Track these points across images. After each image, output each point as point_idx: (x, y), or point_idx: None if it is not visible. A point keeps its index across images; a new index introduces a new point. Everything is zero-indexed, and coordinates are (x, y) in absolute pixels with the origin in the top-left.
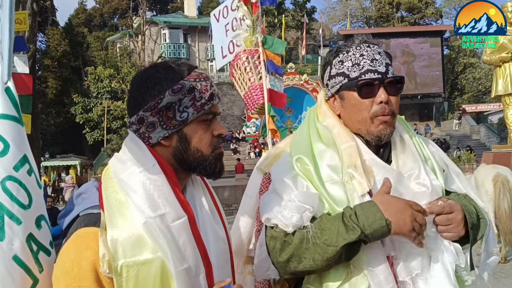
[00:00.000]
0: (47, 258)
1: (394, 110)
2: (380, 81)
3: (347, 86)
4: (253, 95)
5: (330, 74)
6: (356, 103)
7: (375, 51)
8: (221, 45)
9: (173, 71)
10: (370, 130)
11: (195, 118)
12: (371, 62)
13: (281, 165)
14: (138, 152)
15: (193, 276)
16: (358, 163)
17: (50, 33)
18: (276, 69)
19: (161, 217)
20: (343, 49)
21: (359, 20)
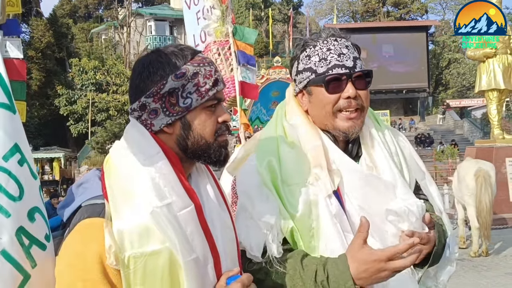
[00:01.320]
0: (41, 252)
1: (363, 105)
2: (348, 76)
3: (315, 81)
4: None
5: (297, 69)
6: (323, 98)
7: (343, 45)
8: (193, 33)
9: (176, 56)
10: (335, 125)
11: (199, 104)
12: (338, 56)
13: (246, 170)
14: (142, 139)
15: (201, 266)
16: (323, 164)
17: (34, 24)
18: (248, 59)
19: (168, 206)
20: (310, 44)
21: (345, 15)
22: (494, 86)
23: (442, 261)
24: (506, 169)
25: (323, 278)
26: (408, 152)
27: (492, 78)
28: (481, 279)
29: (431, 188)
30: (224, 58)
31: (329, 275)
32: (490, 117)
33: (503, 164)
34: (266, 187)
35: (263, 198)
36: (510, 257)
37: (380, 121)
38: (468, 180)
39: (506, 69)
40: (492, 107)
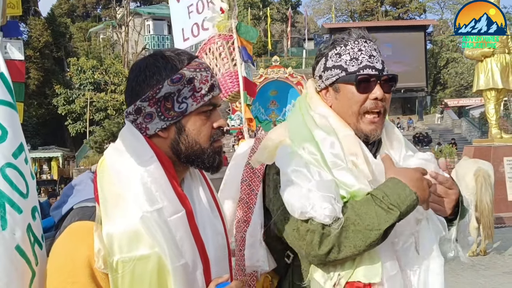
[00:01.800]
0: (40, 251)
1: (386, 107)
2: (377, 78)
3: (345, 79)
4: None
5: (325, 65)
6: (352, 97)
7: (372, 48)
8: (181, 27)
9: (172, 61)
10: (359, 127)
11: (195, 109)
12: (369, 58)
13: (286, 156)
14: (136, 143)
15: (190, 271)
16: (358, 152)
17: (32, 23)
18: (248, 57)
19: (159, 211)
20: (340, 42)
21: (343, 14)
22: (492, 86)
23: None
24: (504, 169)
25: (382, 195)
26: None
27: (490, 78)
28: (479, 278)
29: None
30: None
31: (385, 192)
32: (488, 117)
33: (501, 164)
34: (314, 166)
35: (315, 174)
36: (508, 256)
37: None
38: (468, 180)
39: (504, 69)
40: (490, 107)
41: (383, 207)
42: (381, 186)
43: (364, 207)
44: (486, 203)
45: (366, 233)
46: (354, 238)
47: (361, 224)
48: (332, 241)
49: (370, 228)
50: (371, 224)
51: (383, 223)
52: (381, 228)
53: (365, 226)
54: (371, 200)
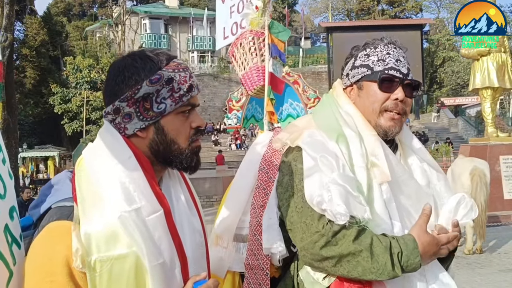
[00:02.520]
0: (18, 251)
1: (405, 110)
2: (400, 81)
3: (369, 77)
4: (254, 75)
5: (353, 64)
6: (373, 94)
7: (400, 54)
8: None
9: (151, 61)
10: (378, 123)
11: (173, 109)
12: (395, 61)
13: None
14: (114, 143)
15: (168, 270)
16: (380, 153)
17: (28, 22)
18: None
19: (137, 211)
20: (371, 45)
21: (340, 13)
22: (488, 84)
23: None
24: (500, 167)
25: (398, 250)
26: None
27: (486, 76)
28: (475, 276)
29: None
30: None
31: (402, 249)
32: (484, 115)
33: (497, 162)
34: (340, 159)
35: (340, 167)
36: (504, 255)
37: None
38: (464, 179)
39: (500, 67)
40: (486, 105)
41: (394, 261)
42: (402, 242)
43: (380, 249)
44: (480, 203)
45: (365, 271)
46: (354, 267)
47: (368, 263)
48: (334, 253)
49: (372, 272)
50: (375, 269)
51: (385, 275)
52: (380, 278)
53: (370, 267)
54: (388, 248)
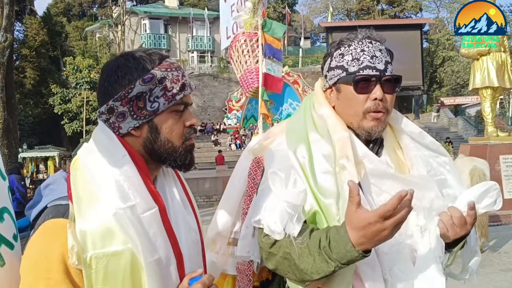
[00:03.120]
0: (10, 251)
1: (388, 108)
2: (377, 78)
3: (345, 79)
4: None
5: (330, 65)
6: (351, 97)
7: (377, 48)
8: (226, 25)
9: (143, 61)
10: (361, 125)
11: (166, 108)
12: (371, 58)
13: (276, 153)
14: (108, 142)
15: (163, 267)
16: (350, 154)
17: (28, 23)
18: (274, 53)
19: (132, 208)
20: (345, 42)
21: (340, 13)
22: (488, 84)
23: (468, 251)
24: (500, 167)
25: (325, 244)
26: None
27: (486, 76)
28: None
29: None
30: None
31: (331, 241)
32: (484, 115)
33: (497, 162)
34: (295, 171)
35: (291, 182)
36: (504, 254)
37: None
38: (464, 179)
39: (500, 67)
40: (486, 105)
41: (324, 256)
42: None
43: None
44: None
45: (302, 274)
46: (294, 271)
47: (298, 265)
48: (275, 264)
49: (305, 273)
50: (305, 270)
51: (315, 274)
52: (313, 278)
53: (301, 269)
54: (317, 244)
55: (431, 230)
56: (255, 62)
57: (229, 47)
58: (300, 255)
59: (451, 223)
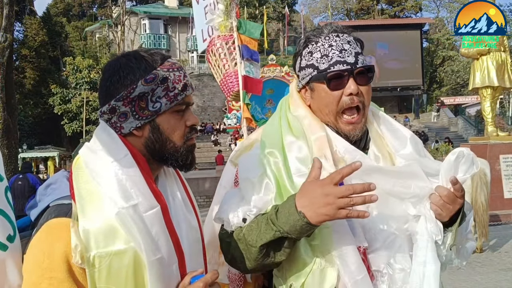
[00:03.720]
0: (1, 253)
1: (364, 101)
2: (349, 72)
3: (316, 78)
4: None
5: (300, 65)
6: (326, 95)
7: (344, 41)
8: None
9: (145, 61)
10: (338, 127)
11: (168, 108)
12: (340, 52)
13: (249, 159)
14: (110, 142)
15: (166, 265)
16: (327, 154)
17: (27, 23)
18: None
19: (134, 207)
20: (312, 40)
21: (339, 13)
22: (488, 83)
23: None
24: (500, 166)
25: (272, 212)
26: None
27: (486, 76)
28: (476, 275)
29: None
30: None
31: (278, 209)
32: (484, 114)
33: (497, 161)
34: (267, 177)
35: (261, 188)
36: (504, 254)
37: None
38: None
39: (500, 66)
40: (486, 104)
41: (268, 224)
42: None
43: (256, 222)
44: (481, 203)
45: (249, 249)
46: (245, 252)
47: (246, 239)
48: (231, 252)
49: (250, 244)
50: (251, 240)
51: (258, 241)
52: (256, 246)
53: (247, 241)
54: (266, 215)
55: (425, 215)
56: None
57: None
58: (249, 230)
59: (442, 202)
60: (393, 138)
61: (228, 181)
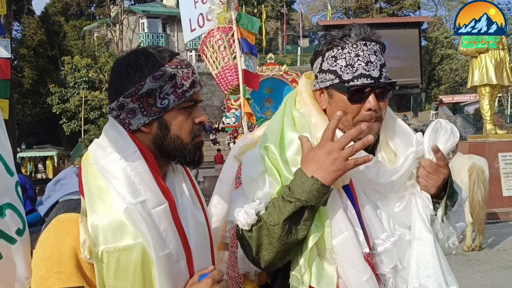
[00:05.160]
0: (9, 246)
1: (381, 116)
2: (372, 88)
3: (338, 87)
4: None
5: (321, 67)
6: (344, 106)
7: (371, 51)
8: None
9: (154, 58)
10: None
11: (176, 105)
12: (365, 65)
13: (252, 157)
14: (119, 138)
15: (174, 261)
16: None
17: (25, 22)
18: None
19: (142, 203)
20: (338, 44)
21: (338, 11)
22: (486, 82)
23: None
24: (499, 164)
25: (285, 189)
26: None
27: (485, 74)
28: (474, 273)
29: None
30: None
31: (290, 186)
32: (482, 113)
33: (496, 159)
34: (270, 175)
35: (265, 184)
36: (503, 251)
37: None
38: (463, 176)
39: (498, 65)
40: (485, 103)
41: (285, 198)
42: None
43: (273, 203)
44: (477, 200)
45: (271, 230)
46: (268, 235)
47: (267, 222)
48: (255, 243)
49: (272, 224)
50: (273, 220)
51: (281, 216)
52: (279, 222)
53: (269, 222)
54: (281, 196)
55: (415, 192)
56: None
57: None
58: (268, 214)
59: (426, 173)
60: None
61: (229, 177)
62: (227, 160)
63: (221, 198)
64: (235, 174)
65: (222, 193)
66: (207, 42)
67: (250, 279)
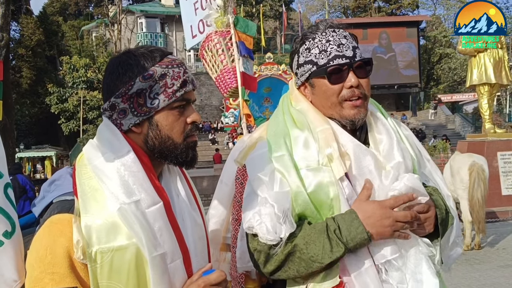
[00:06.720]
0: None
1: (365, 93)
2: (349, 66)
3: (316, 73)
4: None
5: (298, 62)
6: (326, 89)
7: (341, 35)
8: (190, 24)
9: (144, 58)
10: (342, 114)
11: (166, 105)
12: (338, 47)
13: (257, 158)
14: (113, 138)
15: (169, 261)
16: (334, 145)
17: (24, 22)
18: (248, 52)
19: (136, 203)
20: (309, 36)
21: (336, 10)
22: (485, 81)
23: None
24: (498, 163)
25: (335, 227)
26: (411, 140)
27: (483, 73)
28: (474, 272)
29: (436, 175)
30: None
31: (340, 225)
32: (481, 112)
33: (495, 158)
34: (279, 172)
35: (276, 183)
36: (502, 250)
37: (383, 110)
38: (463, 174)
39: (497, 63)
40: (483, 102)
41: (332, 239)
42: (338, 217)
43: (315, 235)
44: (477, 199)
45: (309, 263)
46: (298, 264)
47: (306, 254)
48: (276, 263)
49: (313, 260)
50: (314, 256)
51: (327, 258)
52: (323, 262)
53: (309, 256)
54: (324, 229)
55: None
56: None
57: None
58: (307, 243)
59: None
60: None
61: (228, 177)
62: (227, 161)
63: (221, 199)
64: (235, 174)
65: (222, 194)
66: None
67: (251, 279)
